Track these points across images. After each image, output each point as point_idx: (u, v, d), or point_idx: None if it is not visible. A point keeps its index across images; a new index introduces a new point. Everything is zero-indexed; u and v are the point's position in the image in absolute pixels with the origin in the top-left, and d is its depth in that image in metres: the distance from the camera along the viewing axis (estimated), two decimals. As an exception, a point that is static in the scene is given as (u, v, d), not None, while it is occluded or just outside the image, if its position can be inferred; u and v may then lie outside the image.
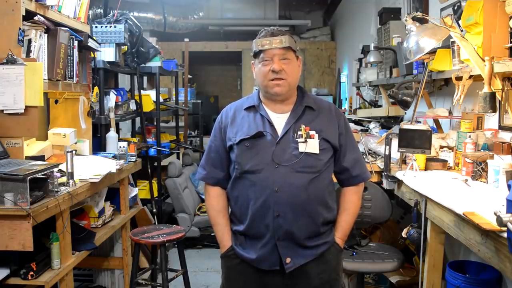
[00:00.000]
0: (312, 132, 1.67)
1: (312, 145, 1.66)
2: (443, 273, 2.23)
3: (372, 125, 3.90)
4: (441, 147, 2.71)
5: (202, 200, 4.74)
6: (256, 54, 1.68)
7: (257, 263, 1.70)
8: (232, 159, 1.73)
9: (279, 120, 1.70)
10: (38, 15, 2.30)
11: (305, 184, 1.64)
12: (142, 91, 4.03)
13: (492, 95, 2.12)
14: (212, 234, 4.25)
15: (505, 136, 2.41)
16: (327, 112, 1.75)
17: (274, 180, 1.63)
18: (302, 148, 1.65)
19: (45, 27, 2.35)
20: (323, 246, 1.72)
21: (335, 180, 1.83)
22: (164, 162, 4.40)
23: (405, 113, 3.53)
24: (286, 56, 1.65)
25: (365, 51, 4.72)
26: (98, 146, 3.20)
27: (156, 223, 3.89)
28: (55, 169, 2.12)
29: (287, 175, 1.64)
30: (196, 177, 1.89)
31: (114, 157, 2.96)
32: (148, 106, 4.07)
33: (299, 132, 1.66)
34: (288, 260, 1.67)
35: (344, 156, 1.76)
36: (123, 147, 3.04)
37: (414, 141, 2.37)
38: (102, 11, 5.21)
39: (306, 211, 1.66)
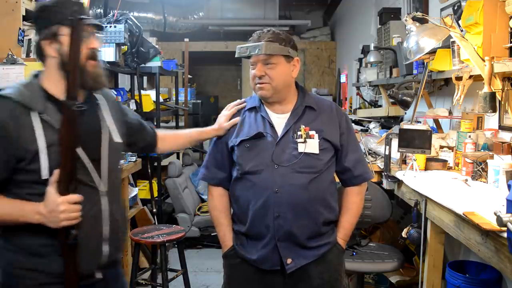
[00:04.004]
0: (312, 132, 1.66)
1: (311, 145, 1.66)
2: (443, 273, 2.23)
3: (372, 125, 3.90)
4: (441, 147, 2.70)
5: (202, 200, 4.74)
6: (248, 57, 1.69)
7: (258, 263, 1.70)
8: (234, 160, 1.74)
9: (280, 120, 1.71)
10: (38, 15, 2.29)
11: (305, 184, 1.64)
12: (142, 91, 4.03)
13: (492, 95, 2.11)
14: (212, 234, 4.25)
15: (505, 136, 2.41)
16: (328, 111, 1.75)
17: (274, 180, 1.63)
18: (301, 148, 1.65)
19: (45, 27, 2.34)
20: (324, 247, 1.72)
21: (337, 179, 1.83)
22: (164, 162, 4.40)
23: (405, 113, 3.53)
24: (270, 61, 1.65)
25: (365, 51, 4.72)
26: (98, 146, 3.19)
27: (156, 223, 3.88)
28: (55, 169, 2.11)
29: (287, 175, 1.63)
30: (198, 177, 1.89)
31: (114, 157, 2.95)
32: (148, 106, 4.07)
33: (299, 133, 1.66)
34: (289, 260, 1.66)
35: (345, 156, 1.75)
36: (123, 147, 3.03)
37: (414, 141, 2.37)
38: (102, 11, 5.21)
39: (307, 212, 1.66)
